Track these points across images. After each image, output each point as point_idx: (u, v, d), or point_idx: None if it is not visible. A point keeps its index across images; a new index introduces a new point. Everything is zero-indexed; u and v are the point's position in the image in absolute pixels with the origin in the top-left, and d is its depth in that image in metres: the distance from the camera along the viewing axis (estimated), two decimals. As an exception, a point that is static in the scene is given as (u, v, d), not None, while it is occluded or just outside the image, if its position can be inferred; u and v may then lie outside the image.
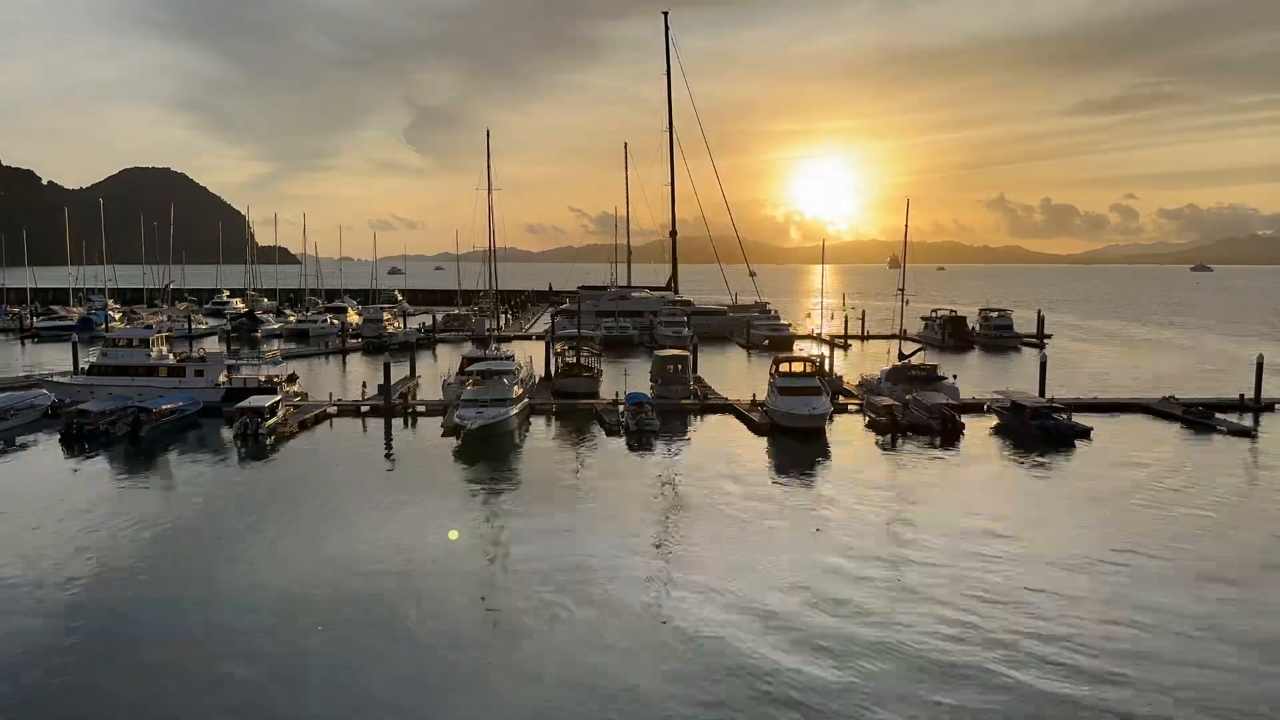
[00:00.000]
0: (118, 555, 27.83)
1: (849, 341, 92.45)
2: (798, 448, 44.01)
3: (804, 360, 53.92)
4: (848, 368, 70.99)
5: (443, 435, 45.73)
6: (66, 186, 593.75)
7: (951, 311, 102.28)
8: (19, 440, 44.95)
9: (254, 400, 46.83)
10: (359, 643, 21.80)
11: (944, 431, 46.17)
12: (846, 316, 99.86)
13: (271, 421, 45.72)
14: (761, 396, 51.85)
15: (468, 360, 56.52)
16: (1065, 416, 46.77)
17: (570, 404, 54.06)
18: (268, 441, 44.33)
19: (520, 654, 21.25)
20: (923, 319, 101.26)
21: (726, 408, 53.49)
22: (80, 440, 44.04)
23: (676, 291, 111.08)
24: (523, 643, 21.86)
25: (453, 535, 30.24)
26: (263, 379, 55.30)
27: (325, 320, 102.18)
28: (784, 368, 51.05)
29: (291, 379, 56.73)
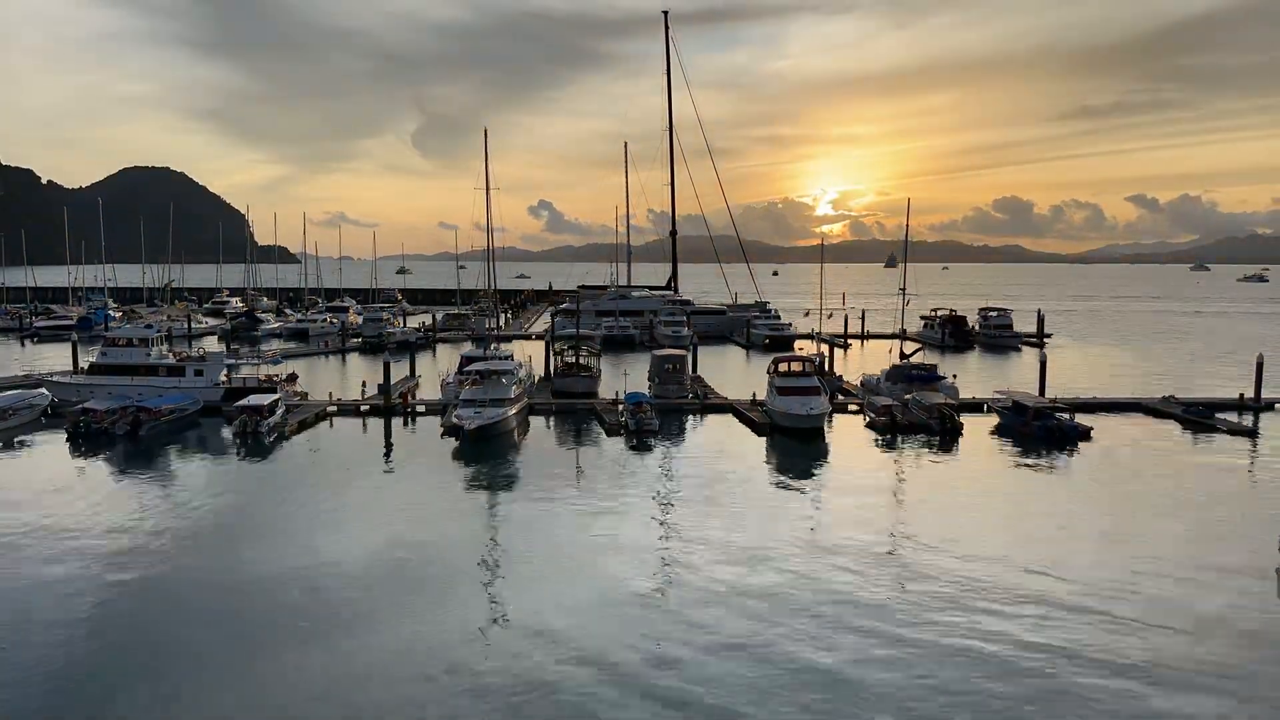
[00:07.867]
0: (117, 555, 27.83)
1: (849, 341, 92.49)
2: (797, 447, 44.01)
3: (803, 360, 53.91)
4: (847, 367, 71.00)
5: (442, 435, 45.73)
6: (66, 186, 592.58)
7: (951, 311, 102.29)
8: (19, 439, 44.96)
9: (253, 399, 46.84)
10: (359, 640, 21.81)
11: (943, 431, 46.18)
12: (846, 316, 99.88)
13: (271, 420, 45.73)
14: (761, 396, 51.84)
15: (467, 360, 56.53)
16: (1068, 416, 46.76)
17: (570, 404, 54.07)
18: (267, 441, 44.35)
19: (520, 651, 21.24)
20: (922, 318, 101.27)
21: (726, 407, 53.49)
22: (85, 438, 44.10)
23: (676, 291, 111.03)
24: (522, 639, 21.85)
25: (450, 525, 30.41)
26: (263, 378, 55.31)
27: (325, 320, 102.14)
28: (783, 367, 51.05)
29: (291, 378, 56.74)
